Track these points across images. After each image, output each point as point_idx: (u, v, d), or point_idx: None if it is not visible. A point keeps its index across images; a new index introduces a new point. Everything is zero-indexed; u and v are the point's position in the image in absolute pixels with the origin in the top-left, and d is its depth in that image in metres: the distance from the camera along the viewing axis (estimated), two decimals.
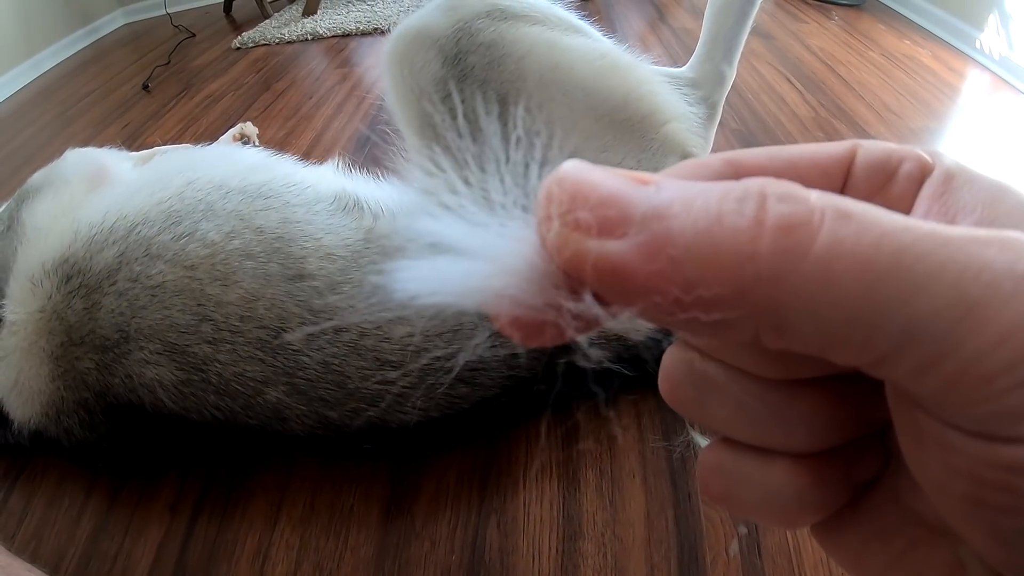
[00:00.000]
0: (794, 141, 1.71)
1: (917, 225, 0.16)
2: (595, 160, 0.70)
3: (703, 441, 0.78)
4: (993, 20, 2.27)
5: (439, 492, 0.93)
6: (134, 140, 2.23)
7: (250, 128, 1.88)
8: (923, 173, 0.25)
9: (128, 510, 0.97)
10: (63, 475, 1.03)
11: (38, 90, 3.15)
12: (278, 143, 1.99)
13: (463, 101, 0.84)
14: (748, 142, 1.73)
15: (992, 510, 0.17)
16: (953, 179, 0.25)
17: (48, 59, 3.47)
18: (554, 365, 0.89)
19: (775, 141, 1.73)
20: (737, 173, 0.23)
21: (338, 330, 0.84)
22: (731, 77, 1.04)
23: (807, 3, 2.89)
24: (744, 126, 1.82)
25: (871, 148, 0.26)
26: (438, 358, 0.85)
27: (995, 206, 0.23)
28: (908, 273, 0.16)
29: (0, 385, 0.92)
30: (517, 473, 0.94)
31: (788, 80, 2.11)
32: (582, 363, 0.82)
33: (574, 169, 0.19)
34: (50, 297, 0.89)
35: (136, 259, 0.87)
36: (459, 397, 0.87)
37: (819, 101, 1.96)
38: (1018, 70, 2.10)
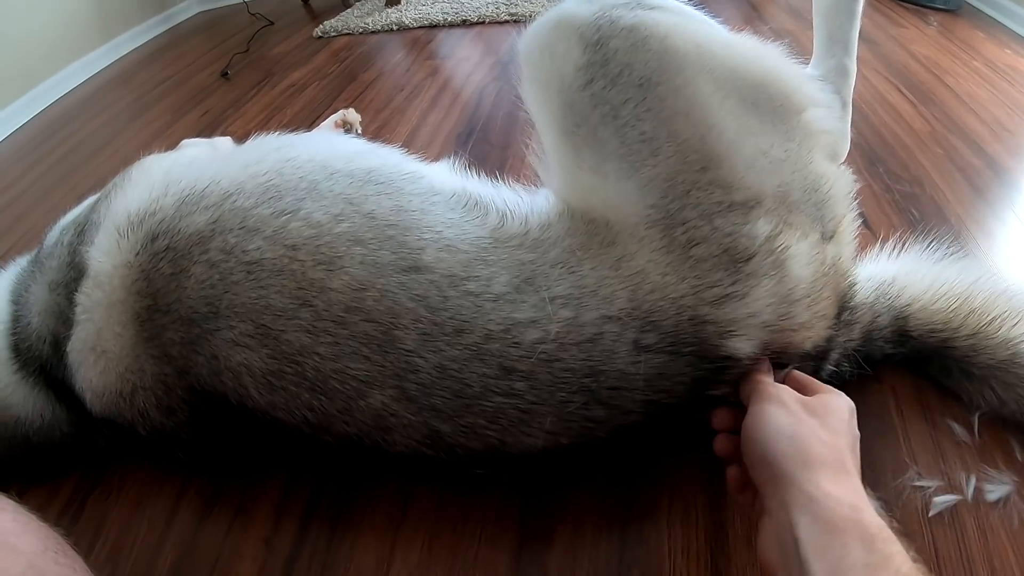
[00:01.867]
0: (914, 157, 1.67)
1: None
2: (748, 144, 0.81)
3: None
4: None
5: (575, 538, 0.85)
6: (215, 128, 2.22)
7: (353, 115, 1.82)
8: None
9: (217, 539, 0.90)
10: (143, 494, 0.97)
11: (114, 75, 3.17)
12: (371, 135, 1.94)
13: (604, 88, 0.80)
14: (868, 156, 1.68)
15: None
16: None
17: (125, 44, 3.51)
18: (703, 394, 0.80)
19: (895, 156, 1.69)
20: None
21: (459, 331, 0.76)
22: (854, 70, 1.05)
23: (903, 6, 2.82)
24: (863, 139, 1.76)
25: None
26: (571, 370, 0.77)
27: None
28: None
29: (79, 345, 0.87)
30: (660, 520, 0.85)
31: (899, 90, 2.05)
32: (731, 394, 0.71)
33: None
34: (136, 253, 0.86)
35: (231, 230, 0.82)
36: (594, 421, 0.78)
37: (932, 114, 1.89)
38: None
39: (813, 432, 0.66)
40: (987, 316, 0.91)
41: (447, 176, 0.95)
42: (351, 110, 1.82)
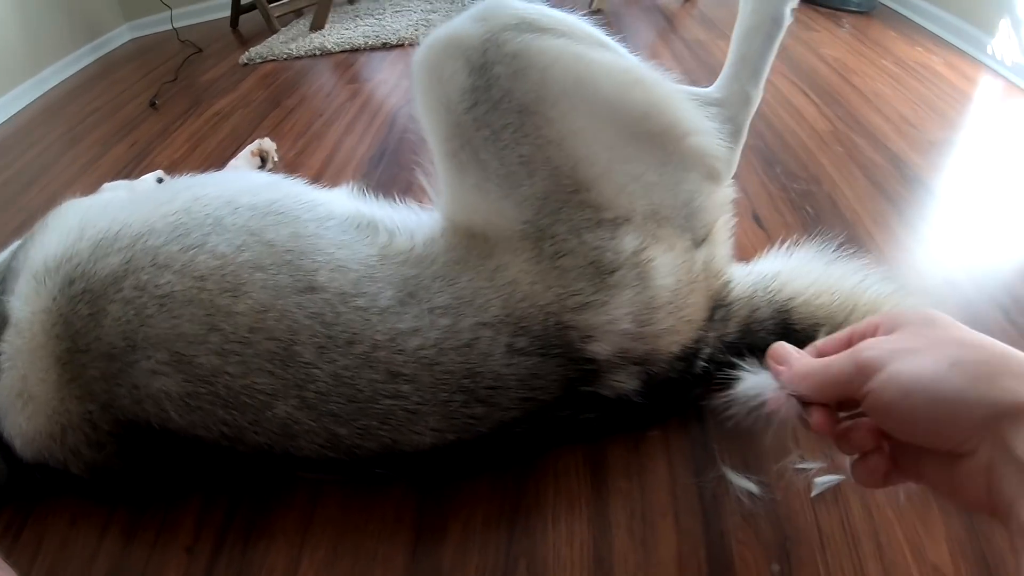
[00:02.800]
0: (813, 156, 1.73)
1: (832, 357, 0.63)
2: (619, 171, 0.87)
3: (735, 477, 0.76)
4: (1004, 25, 2.27)
5: (466, 534, 0.90)
6: (141, 159, 2.22)
7: (268, 144, 1.87)
8: (876, 328, 0.63)
9: (144, 551, 0.94)
10: (76, 514, 1.00)
11: (44, 107, 3.15)
12: (290, 162, 1.98)
13: (487, 112, 0.85)
14: (767, 158, 1.73)
15: (880, 419, 0.58)
16: (881, 324, 0.63)
17: (54, 75, 3.48)
18: (577, 392, 0.87)
19: (794, 156, 1.74)
20: (816, 351, 0.69)
21: (350, 342, 0.83)
22: (757, 98, 1.05)
23: (817, 11, 2.91)
24: (762, 141, 1.81)
25: (859, 326, 0.66)
26: (450, 372, 0.83)
27: (892, 327, 0.61)
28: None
29: (6, 393, 0.90)
30: (546, 512, 0.91)
31: (804, 93, 2.10)
32: (606, 392, 0.78)
33: (777, 345, 0.71)
34: (54, 298, 0.88)
35: (143, 268, 0.86)
36: (475, 418, 0.85)
37: (836, 114, 1.95)
38: None
39: (956, 341, 0.55)
40: (873, 313, 0.93)
41: (344, 201, 1.00)
42: (266, 140, 1.87)
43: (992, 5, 2.35)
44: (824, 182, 1.61)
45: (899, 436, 0.58)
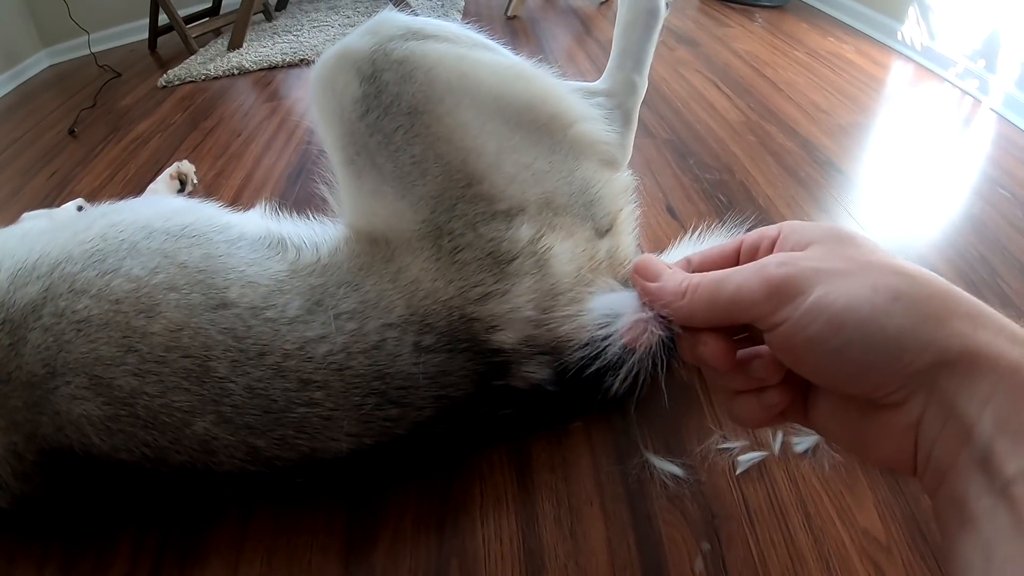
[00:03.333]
0: (726, 147, 1.80)
1: (724, 271, 0.51)
2: (509, 161, 0.89)
3: (659, 461, 0.78)
4: (913, 12, 2.35)
5: (396, 538, 0.91)
6: (62, 188, 2.18)
7: (187, 166, 1.87)
8: (773, 241, 0.54)
9: None
10: (14, 552, 0.98)
11: None
12: (208, 184, 1.97)
13: (379, 118, 0.88)
14: (680, 151, 1.79)
15: (789, 357, 0.48)
16: (781, 236, 0.53)
17: None
18: (490, 387, 0.89)
19: (706, 148, 1.79)
20: (691, 265, 0.59)
21: (261, 354, 0.84)
22: (643, 86, 1.10)
23: (730, 7, 3.00)
24: (675, 135, 1.85)
25: (748, 237, 0.57)
26: (360, 376, 0.85)
27: (800, 242, 0.50)
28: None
29: None
30: (474, 510, 0.92)
31: (716, 86, 2.16)
32: (519, 383, 0.80)
33: (645, 258, 0.58)
34: None
35: (61, 295, 0.86)
36: (391, 420, 0.86)
37: (748, 105, 2.01)
38: (940, 59, 2.18)
39: (891, 269, 0.45)
40: None
41: (256, 222, 1.01)
42: (185, 162, 1.86)
43: None
44: (736, 171, 1.66)
45: (810, 377, 0.48)
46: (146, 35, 3.85)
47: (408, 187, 0.88)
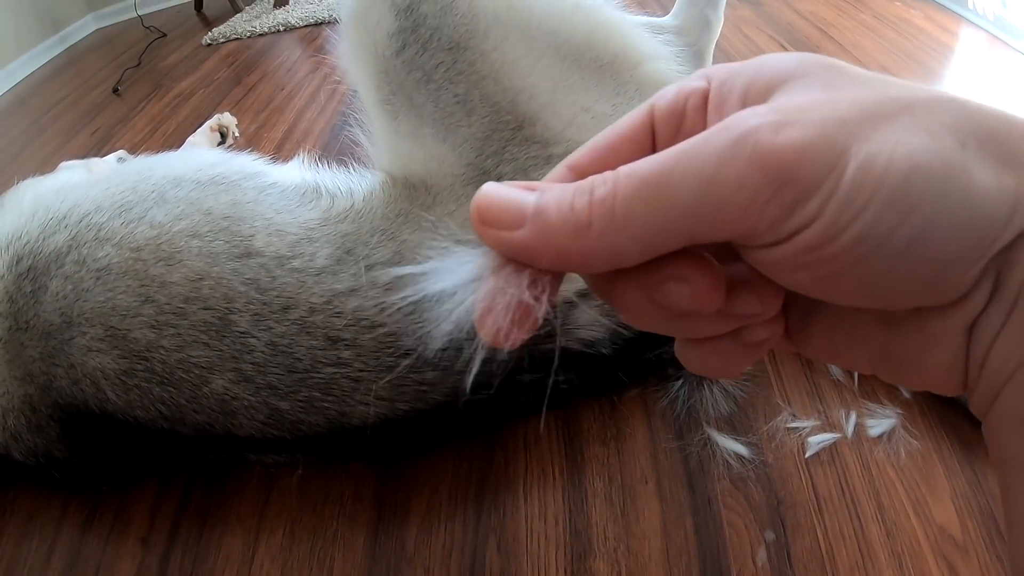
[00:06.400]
0: None
1: (658, 159, 0.26)
2: (566, 102, 0.79)
3: (722, 439, 0.66)
4: None
5: (430, 512, 0.85)
6: (103, 145, 2.19)
7: (228, 118, 1.84)
8: (704, 98, 0.31)
9: (99, 544, 0.91)
10: (33, 509, 0.97)
11: (11, 101, 3.13)
12: (250, 137, 1.94)
13: (417, 53, 0.83)
14: None
15: (810, 278, 0.26)
16: (721, 89, 0.30)
17: (20, 69, 3.47)
18: (540, 350, 0.81)
19: None
20: (576, 174, 0.31)
21: (285, 308, 0.78)
22: (717, 23, 1.03)
23: None
24: None
25: (661, 100, 0.32)
26: (393, 335, 0.78)
27: (769, 84, 0.28)
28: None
29: None
30: (516, 485, 0.86)
31: (782, 45, 2.08)
32: (573, 345, 0.69)
33: (484, 189, 0.29)
34: (2, 276, 0.86)
35: (85, 243, 0.84)
36: (427, 384, 0.79)
37: None
38: (1013, 29, 2.07)
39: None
40: None
41: (293, 171, 0.97)
42: (226, 114, 1.83)
43: None
44: None
45: (847, 299, 0.28)
46: None
47: (450, 128, 0.82)
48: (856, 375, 0.89)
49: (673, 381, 0.92)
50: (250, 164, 0.98)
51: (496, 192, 0.28)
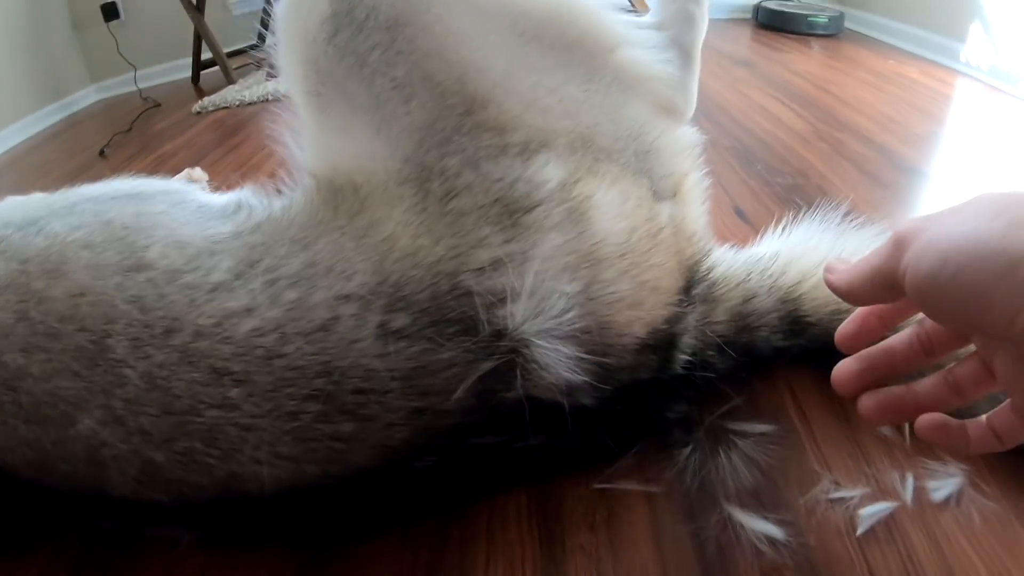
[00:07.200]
0: (797, 154, 1.76)
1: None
2: (524, 81, 0.73)
3: (748, 519, 0.69)
4: (975, 29, 2.45)
5: None
6: None
7: (198, 173, 1.75)
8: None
9: None
10: None
11: (6, 162, 3.21)
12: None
13: (351, 37, 0.75)
14: (745, 157, 1.76)
15: None
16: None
17: (18, 132, 3.54)
18: (497, 400, 0.68)
19: (775, 156, 1.76)
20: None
21: (169, 331, 0.67)
22: (702, 18, 0.95)
23: (784, 36, 3.20)
24: (739, 143, 1.85)
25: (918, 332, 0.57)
26: (298, 368, 0.64)
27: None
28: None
29: None
30: None
31: (779, 100, 2.20)
32: (540, 393, 0.68)
33: (834, 262, 0.57)
34: None
35: None
36: (342, 439, 0.65)
37: (814, 116, 2.04)
38: (1008, 76, 2.26)
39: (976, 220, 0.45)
40: None
41: (225, 195, 0.88)
42: (197, 169, 1.77)
43: (960, 11, 2.50)
44: (811, 175, 1.61)
45: (944, 320, 0.51)
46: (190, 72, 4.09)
47: (386, 119, 0.74)
48: (907, 428, 0.77)
49: (680, 448, 0.80)
50: (177, 184, 0.91)
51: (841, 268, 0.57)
